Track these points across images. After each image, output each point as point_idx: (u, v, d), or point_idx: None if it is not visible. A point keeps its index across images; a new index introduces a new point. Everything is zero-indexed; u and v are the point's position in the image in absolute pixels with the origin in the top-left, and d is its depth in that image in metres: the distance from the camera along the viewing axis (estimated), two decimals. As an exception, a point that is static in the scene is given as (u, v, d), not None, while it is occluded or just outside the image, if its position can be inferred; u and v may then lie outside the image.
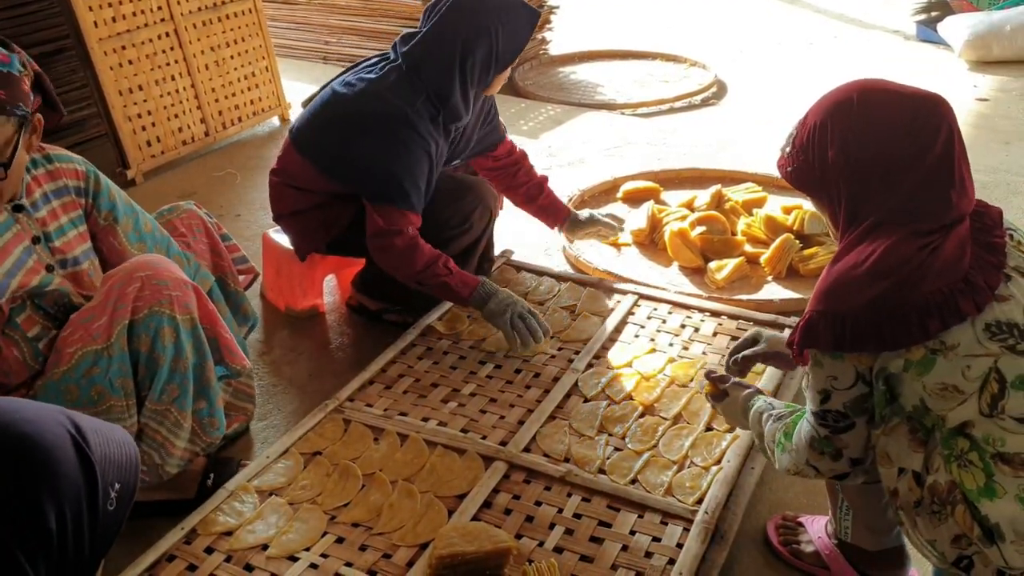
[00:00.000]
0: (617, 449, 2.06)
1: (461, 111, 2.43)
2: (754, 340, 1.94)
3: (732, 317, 2.56)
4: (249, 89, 4.46)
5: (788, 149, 1.53)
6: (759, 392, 1.79)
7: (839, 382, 1.43)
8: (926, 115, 1.40)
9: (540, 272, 2.85)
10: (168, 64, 4.04)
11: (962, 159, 1.42)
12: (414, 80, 2.39)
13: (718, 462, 1.99)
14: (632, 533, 1.82)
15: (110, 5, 3.78)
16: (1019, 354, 1.33)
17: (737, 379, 1.85)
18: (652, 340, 2.47)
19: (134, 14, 3.88)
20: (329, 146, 2.45)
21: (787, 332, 2.12)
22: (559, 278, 2.81)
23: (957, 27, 5.45)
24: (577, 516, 1.87)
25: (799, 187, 1.56)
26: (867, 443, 1.48)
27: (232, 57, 4.35)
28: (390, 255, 2.41)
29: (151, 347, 1.84)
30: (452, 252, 2.58)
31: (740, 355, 1.93)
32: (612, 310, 2.62)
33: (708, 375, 1.86)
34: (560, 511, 1.89)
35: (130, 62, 3.88)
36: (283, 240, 2.77)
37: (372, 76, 2.43)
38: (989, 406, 1.33)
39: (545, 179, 2.89)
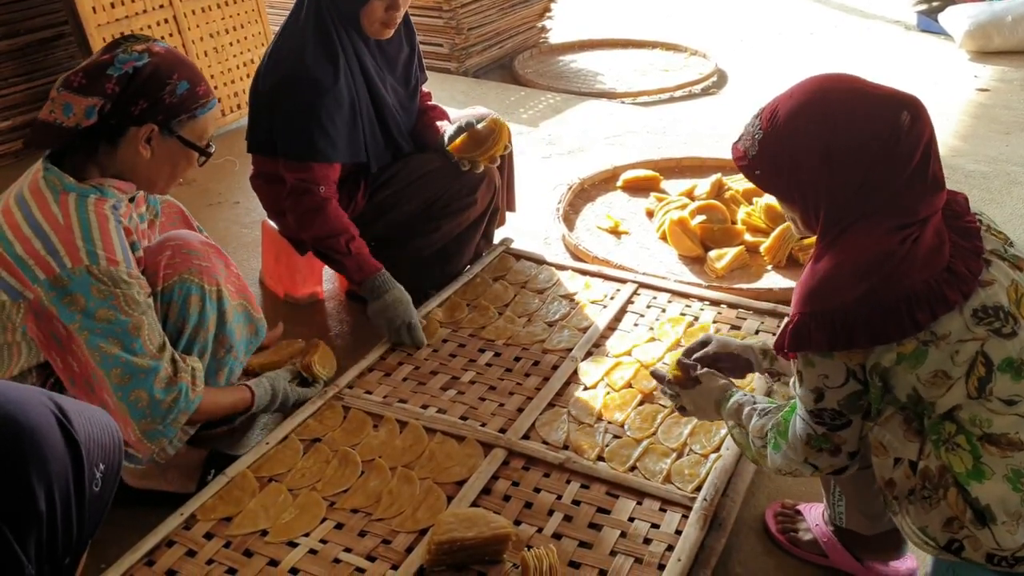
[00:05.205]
0: (616, 436, 2.06)
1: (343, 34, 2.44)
2: (704, 343, 1.91)
3: (731, 306, 2.56)
4: (248, 76, 4.43)
5: (754, 152, 1.49)
6: (733, 384, 1.78)
7: (831, 380, 1.44)
8: (909, 120, 1.38)
9: (539, 261, 2.85)
10: (167, 51, 4.03)
11: (936, 159, 1.42)
12: (299, 27, 2.44)
13: (717, 450, 1.99)
14: (631, 520, 1.83)
15: (109, -9, 3.76)
16: (1005, 337, 1.35)
17: (710, 369, 1.83)
18: (651, 329, 2.47)
19: (133, 0, 3.85)
20: (258, 129, 2.53)
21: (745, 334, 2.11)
22: (558, 267, 2.81)
23: (958, 17, 5.43)
24: (576, 503, 1.88)
25: (767, 189, 1.55)
26: (860, 434, 1.49)
27: (231, 44, 4.33)
28: (296, 211, 2.45)
29: (178, 313, 1.92)
30: (460, 224, 2.65)
31: (692, 357, 1.90)
32: (611, 298, 2.62)
33: (679, 362, 1.84)
34: (559, 498, 1.89)
35: (129, 48, 3.86)
36: (282, 227, 2.78)
37: (272, 46, 2.51)
38: (977, 389, 1.36)
39: (435, 118, 2.80)
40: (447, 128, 2.66)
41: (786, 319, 1.52)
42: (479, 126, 2.56)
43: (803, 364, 1.46)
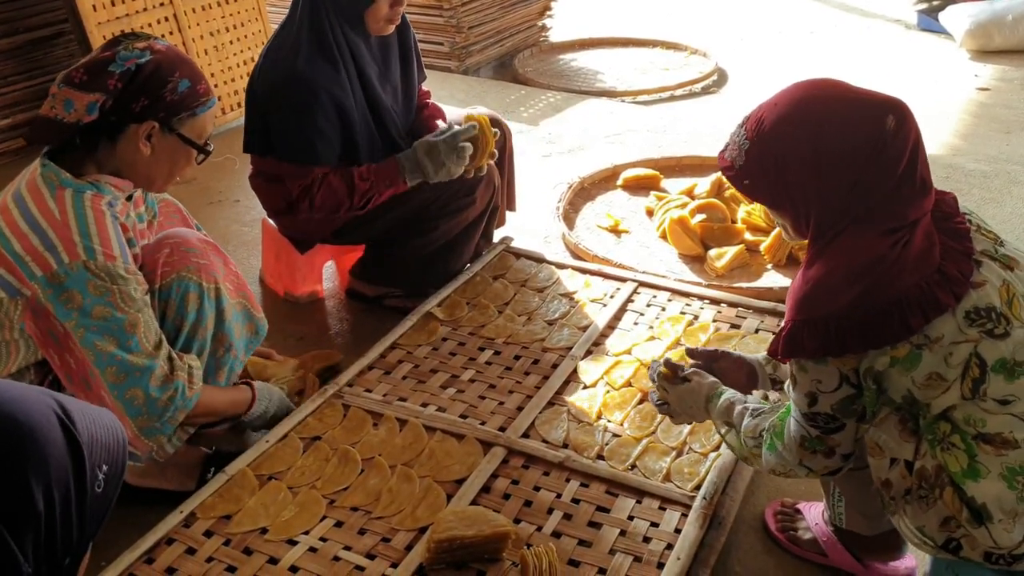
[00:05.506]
0: (616, 435, 2.06)
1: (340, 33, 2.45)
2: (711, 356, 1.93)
3: (731, 305, 2.56)
4: (248, 75, 4.43)
5: (741, 162, 1.49)
6: (720, 383, 1.78)
7: (824, 385, 1.44)
8: (894, 124, 1.38)
9: (539, 259, 2.85)
10: (167, 49, 4.03)
11: (924, 162, 1.42)
12: (294, 27, 2.45)
13: (716, 448, 1.99)
14: (630, 518, 1.83)
15: (109, -11, 3.76)
16: (997, 338, 1.35)
17: (697, 368, 1.83)
18: (651, 327, 2.47)
19: (133, -2, 3.86)
20: (255, 130, 2.54)
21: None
22: (559, 265, 2.81)
23: (958, 16, 5.43)
24: (575, 501, 1.88)
25: (755, 198, 1.54)
26: (856, 436, 1.49)
27: (231, 42, 4.33)
28: (316, 210, 2.47)
29: (176, 311, 1.90)
30: (459, 224, 2.65)
31: (692, 356, 1.90)
32: (611, 297, 2.62)
33: (667, 361, 1.84)
34: (559, 496, 1.89)
35: (129, 46, 3.86)
36: (282, 225, 2.78)
37: (267, 46, 2.53)
38: (971, 391, 1.36)
39: (430, 116, 2.83)
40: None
41: (780, 325, 1.52)
42: None
43: (797, 369, 1.47)
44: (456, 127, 2.50)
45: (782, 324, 1.47)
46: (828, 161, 1.39)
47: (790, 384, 1.52)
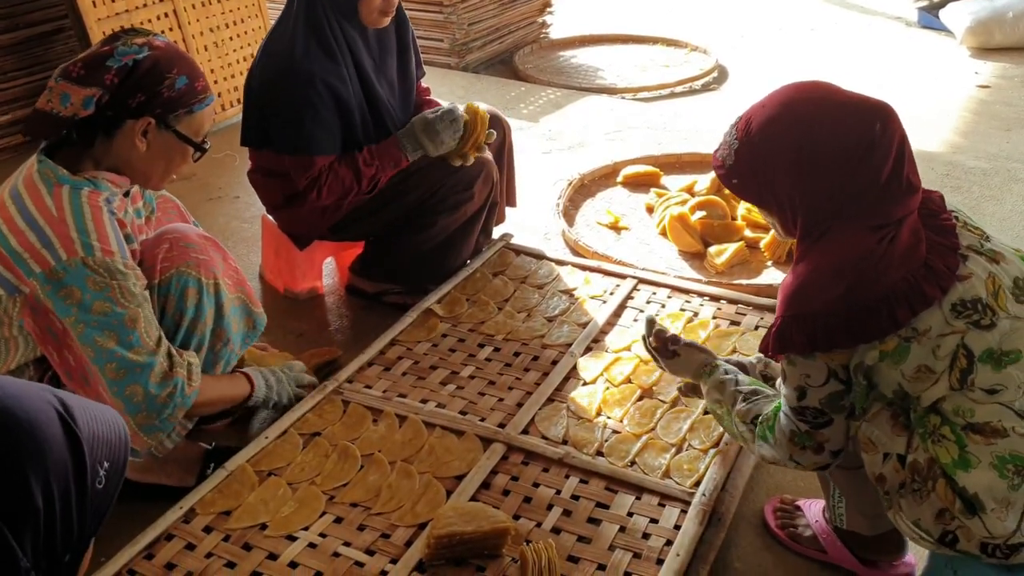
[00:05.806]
0: (615, 432, 2.06)
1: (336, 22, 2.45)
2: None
3: (731, 302, 2.56)
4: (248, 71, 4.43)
5: (731, 162, 1.52)
6: (714, 357, 1.81)
7: (812, 379, 1.46)
8: (881, 129, 1.41)
9: (539, 256, 2.85)
10: (167, 45, 4.02)
11: (910, 163, 1.44)
12: (291, 22, 2.46)
13: (716, 445, 1.99)
14: (630, 515, 1.83)
15: (108, -15, 3.76)
16: (984, 328, 1.37)
17: (689, 341, 1.86)
18: (651, 324, 2.47)
19: (133, -6, 3.86)
20: (253, 125, 2.53)
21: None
22: (558, 262, 2.81)
23: (959, 13, 5.43)
24: (575, 498, 1.88)
25: (745, 197, 1.57)
26: (846, 434, 1.51)
27: (231, 39, 4.33)
28: (328, 195, 2.49)
29: (175, 307, 1.90)
30: (457, 220, 2.65)
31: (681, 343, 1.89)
32: (611, 294, 2.62)
33: (658, 331, 1.86)
34: (558, 492, 1.89)
35: (129, 43, 3.85)
36: (282, 221, 2.77)
37: (265, 41, 2.54)
38: (959, 381, 1.38)
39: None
40: None
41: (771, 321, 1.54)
42: None
43: (787, 364, 1.50)
44: (451, 104, 2.55)
45: (773, 320, 1.49)
46: (815, 163, 1.42)
47: (781, 379, 1.54)
